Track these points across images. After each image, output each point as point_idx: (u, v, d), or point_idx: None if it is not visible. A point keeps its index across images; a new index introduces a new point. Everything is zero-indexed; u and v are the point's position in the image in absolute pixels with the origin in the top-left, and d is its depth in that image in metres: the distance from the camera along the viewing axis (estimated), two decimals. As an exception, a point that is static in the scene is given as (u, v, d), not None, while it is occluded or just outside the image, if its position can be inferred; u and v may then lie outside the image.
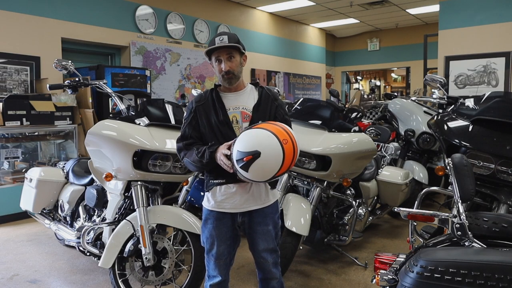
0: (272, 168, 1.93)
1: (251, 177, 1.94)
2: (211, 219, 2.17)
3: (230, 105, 2.16)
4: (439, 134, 2.79)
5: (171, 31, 7.21)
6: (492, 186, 2.59)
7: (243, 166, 1.88)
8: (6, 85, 5.19)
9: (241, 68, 2.17)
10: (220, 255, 2.17)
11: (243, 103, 2.17)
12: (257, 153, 1.86)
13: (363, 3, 8.73)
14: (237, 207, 2.13)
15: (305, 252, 3.62)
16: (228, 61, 2.10)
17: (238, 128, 2.13)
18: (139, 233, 2.52)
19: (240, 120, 2.14)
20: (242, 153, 1.88)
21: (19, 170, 5.17)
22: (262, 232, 2.17)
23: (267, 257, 2.19)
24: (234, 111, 2.15)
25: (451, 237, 1.75)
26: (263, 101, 2.18)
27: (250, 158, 1.85)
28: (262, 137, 1.91)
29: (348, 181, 3.14)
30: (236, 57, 2.13)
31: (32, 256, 3.69)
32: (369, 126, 3.96)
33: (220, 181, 2.12)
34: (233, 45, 2.08)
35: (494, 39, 6.18)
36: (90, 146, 2.69)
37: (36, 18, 5.48)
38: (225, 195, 2.13)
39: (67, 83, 2.97)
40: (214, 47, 2.08)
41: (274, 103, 2.20)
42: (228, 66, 2.09)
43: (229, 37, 2.10)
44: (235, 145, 1.92)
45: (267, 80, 9.42)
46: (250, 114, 2.14)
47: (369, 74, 16.06)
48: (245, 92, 2.21)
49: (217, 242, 2.16)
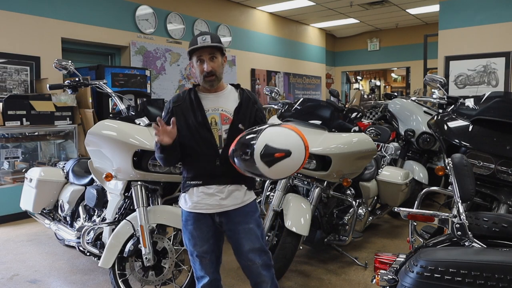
0: (291, 170, 1.95)
1: (267, 173, 1.89)
2: (191, 220, 2.14)
3: (209, 106, 2.11)
4: (439, 134, 2.80)
5: (171, 31, 7.21)
6: (492, 186, 2.59)
7: (269, 162, 1.84)
8: (6, 85, 5.19)
9: (222, 69, 2.13)
10: (204, 253, 2.14)
11: (223, 104, 2.12)
12: (289, 153, 1.84)
13: (363, 3, 8.73)
14: (215, 208, 2.09)
15: (305, 252, 3.62)
16: (210, 61, 2.05)
17: (217, 130, 2.09)
18: (139, 233, 2.52)
19: (219, 122, 2.10)
20: (273, 149, 1.83)
21: (19, 170, 5.17)
22: (244, 231, 2.11)
23: (254, 258, 2.11)
24: (213, 113, 2.11)
25: (451, 237, 1.75)
26: (244, 104, 2.14)
27: (282, 155, 1.83)
28: (294, 138, 1.90)
29: (348, 181, 3.14)
30: (218, 58, 2.08)
31: (32, 256, 3.69)
32: (369, 126, 3.96)
33: (197, 182, 2.09)
34: (216, 45, 2.04)
35: (494, 39, 6.18)
36: (90, 146, 2.69)
37: (36, 18, 5.48)
38: (201, 195, 2.09)
39: (67, 83, 2.97)
40: (197, 46, 2.03)
41: (254, 106, 2.16)
42: (210, 67, 2.05)
43: (212, 37, 2.05)
44: (261, 138, 1.86)
45: (267, 80, 9.42)
46: (230, 117, 2.10)
47: (369, 74, 16.06)
48: (224, 93, 2.16)
49: (199, 242, 2.13)
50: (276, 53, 9.78)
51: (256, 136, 1.88)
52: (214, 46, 2.04)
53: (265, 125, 1.95)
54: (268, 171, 1.87)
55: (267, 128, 1.91)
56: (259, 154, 1.83)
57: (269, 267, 2.16)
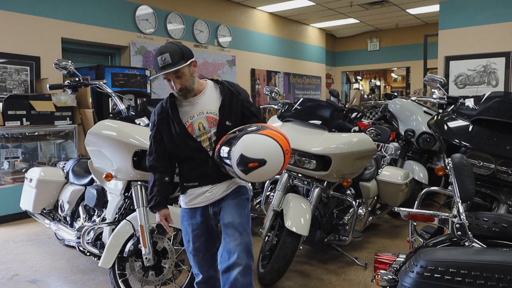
0: (269, 175, 1.98)
1: (246, 178, 1.96)
2: (186, 216, 2.20)
3: (193, 112, 2.09)
4: (439, 134, 2.79)
5: (171, 31, 7.20)
6: (492, 186, 2.58)
7: (244, 170, 1.88)
8: (6, 85, 5.19)
9: (193, 78, 2.06)
10: (196, 251, 2.18)
11: (206, 107, 2.09)
12: (263, 162, 1.86)
13: (363, 3, 8.73)
14: (209, 200, 2.14)
15: (305, 252, 3.62)
16: (177, 79, 2.00)
17: (206, 134, 2.08)
18: (139, 233, 2.52)
19: (207, 126, 2.08)
20: (247, 158, 1.86)
21: (19, 170, 5.17)
22: (227, 204, 2.12)
23: (233, 233, 2.03)
24: (198, 118, 2.08)
25: (451, 237, 1.75)
26: (227, 100, 2.10)
27: (255, 165, 1.85)
28: (269, 146, 1.89)
29: (348, 181, 3.14)
30: (185, 72, 2.00)
31: (32, 256, 3.69)
32: (369, 126, 3.96)
33: (193, 184, 2.14)
34: (174, 69, 1.95)
35: (494, 39, 6.18)
36: (90, 146, 2.69)
37: (36, 18, 5.48)
38: (196, 193, 2.15)
39: (67, 83, 2.97)
40: (158, 75, 1.98)
41: (239, 98, 2.12)
42: (179, 84, 2.01)
43: (171, 54, 1.95)
44: (237, 147, 1.88)
45: (267, 80, 9.42)
46: (217, 118, 2.08)
47: (369, 74, 16.05)
48: (205, 94, 2.12)
49: (192, 238, 2.18)
50: (276, 53, 9.78)
51: (234, 142, 1.91)
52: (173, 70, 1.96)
53: (243, 131, 1.95)
54: (245, 177, 1.93)
55: (244, 136, 1.92)
56: (235, 162, 1.88)
57: (248, 250, 2.02)
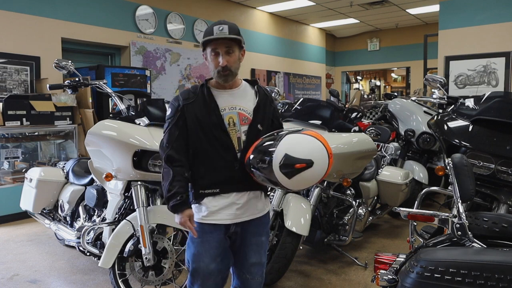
0: (313, 180, 1.77)
1: (287, 184, 1.73)
2: (200, 232, 1.88)
3: (225, 104, 1.89)
4: (439, 134, 2.80)
5: (171, 31, 7.20)
6: (492, 186, 2.59)
7: (289, 173, 1.68)
8: (6, 85, 5.19)
9: (239, 64, 1.90)
10: (209, 274, 1.88)
11: (240, 103, 1.91)
12: (310, 163, 1.67)
13: (363, 3, 8.73)
14: (233, 218, 1.87)
15: (305, 252, 3.62)
16: (226, 55, 1.83)
17: (235, 131, 1.87)
18: (139, 233, 2.52)
19: (238, 123, 1.88)
20: (294, 159, 1.67)
21: (19, 170, 5.17)
22: (256, 243, 1.94)
23: (256, 273, 1.94)
24: (230, 112, 1.88)
25: (451, 237, 1.75)
26: (262, 103, 1.95)
27: (303, 166, 1.66)
28: (315, 147, 1.71)
29: (348, 181, 3.14)
30: (235, 51, 1.85)
31: (32, 256, 3.69)
32: (369, 126, 3.97)
33: (214, 191, 1.86)
34: (234, 37, 1.82)
35: (494, 39, 6.18)
36: (90, 146, 2.69)
37: (36, 18, 5.48)
38: (219, 205, 1.86)
39: (67, 83, 2.97)
40: (213, 37, 1.81)
41: (272, 105, 1.99)
42: (226, 61, 1.82)
43: (230, 27, 1.82)
44: (280, 147, 1.69)
45: (267, 80, 9.42)
46: (249, 117, 1.90)
47: (369, 74, 16.05)
48: (240, 90, 1.95)
49: (206, 259, 1.87)
50: (276, 53, 9.78)
51: (274, 143, 1.72)
52: (231, 38, 1.82)
53: (284, 131, 1.79)
54: (288, 182, 1.71)
55: (287, 135, 1.74)
56: (278, 164, 1.68)
57: (262, 283, 2.02)
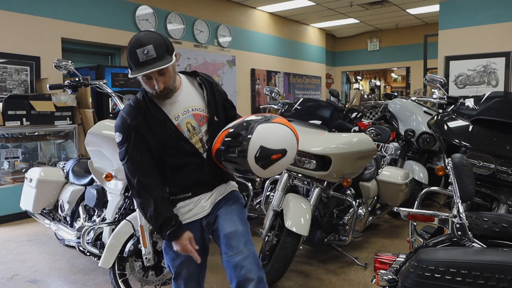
0: (285, 167, 1.80)
1: (261, 173, 1.73)
2: None
3: (176, 111, 1.77)
4: (439, 134, 2.79)
5: (171, 31, 7.20)
6: (492, 186, 2.58)
7: (265, 164, 1.69)
8: (6, 85, 5.19)
9: (175, 74, 1.75)
10: (191, 276, 1.87)
11: (191, 103, 1.81)
12: (284, 152, 1.70)
13: (363, 3, 8.73)
14: (205, 210, 1.87)
15: (305, 252, 3.62)
16: (161, 76, 1.65)
17: (196, 134, 1.80)
18: (139, 233, 2.52)
19: (196, 125, 1.80)
20: (269, 150, 1.67)
21: (19, 170, 5.17)
22: (226, 212, 1.84)
23: (237, 245, 1.74)
24: (185, 117, 1.78)
25: (451, 237, 1.75)
26: (211, 93, 1.85)
27: (279, 156, 1.69)
28: (287, 135, 1.74)
29: (348, 181, 3.14)
30: (169, 69, 1.67)
31: (32, 256, 3.69)
32: (369, 126, 3.96)
33: (185, 195, 1.84)
34: (164, 67, 1.62)
35: (494, 39, 6.18)
36: (90, 146, 2.70)
37: (36, 18, 5.48)
38: (189, 205, 1.85)
39: (67, 83, 2.97)
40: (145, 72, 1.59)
41: (218, 90, 1.89)
42: (162, 84, 1.66)
43: (155, 46, 1.59)
44: (253, 140, 1.66)
45: (267, 80, 9.42)
46: (205, 114, 1.83)
47: (369, 74, 16.06)
48: (184, 90, 1.81)
49: (186, 261, 1.85)
50: (276, 53, 9.78)
51: (246, 135, 1.68)
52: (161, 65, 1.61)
53: (253, 121, 1.73)
54: (262, 172, 1.73)
55: (258, 126, 1.71)
56: (253, 156, 1.67)
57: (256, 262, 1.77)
